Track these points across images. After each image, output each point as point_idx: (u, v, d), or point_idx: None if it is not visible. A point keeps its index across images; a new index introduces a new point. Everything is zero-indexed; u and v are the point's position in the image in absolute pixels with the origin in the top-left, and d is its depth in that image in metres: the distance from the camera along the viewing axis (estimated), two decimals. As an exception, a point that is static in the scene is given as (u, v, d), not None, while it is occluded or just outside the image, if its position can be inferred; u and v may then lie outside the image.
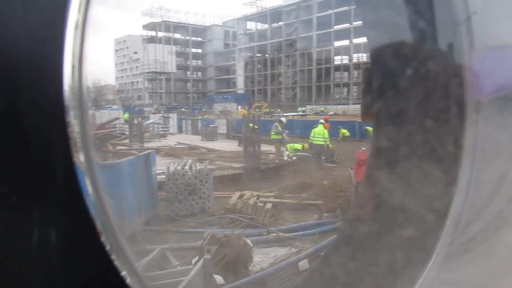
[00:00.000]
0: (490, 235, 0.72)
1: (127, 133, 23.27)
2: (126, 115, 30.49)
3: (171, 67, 68.87)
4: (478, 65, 0.67)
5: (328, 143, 15.88)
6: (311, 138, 16.08)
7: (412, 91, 0.70)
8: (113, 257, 0.58)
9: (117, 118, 25.75)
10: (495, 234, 0.72)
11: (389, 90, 0.72)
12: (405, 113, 0.71)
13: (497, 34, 0.69)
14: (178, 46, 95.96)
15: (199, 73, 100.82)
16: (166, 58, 67.22)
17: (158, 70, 70.41)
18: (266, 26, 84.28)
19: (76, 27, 0.55)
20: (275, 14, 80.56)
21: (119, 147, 16.44)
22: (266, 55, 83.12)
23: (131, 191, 8.15)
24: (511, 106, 0.69)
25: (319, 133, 15.60)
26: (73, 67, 0.55)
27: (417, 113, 0.71)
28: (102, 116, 26.95)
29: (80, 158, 0.56)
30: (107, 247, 0.58)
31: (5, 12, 0.52)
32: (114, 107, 49.26)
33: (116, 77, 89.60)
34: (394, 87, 0.71)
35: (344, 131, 24.60)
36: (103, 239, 0.57)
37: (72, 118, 0.55)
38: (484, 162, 0.69)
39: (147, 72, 75.22)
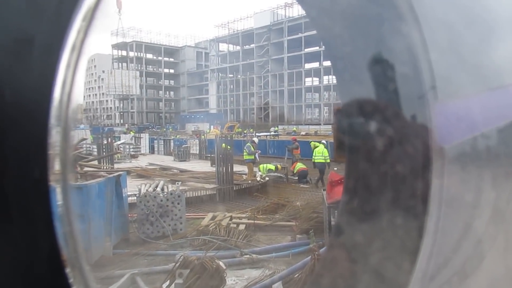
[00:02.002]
0: (456, 285, 0.75)
1: (94, 154, 22.71)
2: (92, 136, 29.80)
3: (135, 90, 72.27)
4: (441, 114, 0.71)
5: (328, 161, 16.41)
6: (313, 156, 16.97)
7: (380, 141, 0.73)
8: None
9: (84, 139, 25.14)
10: (461, 284, 0.75)
11: (359, 136, 0.74)
12: (373, 161, 0.74)
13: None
14: (150, 66, 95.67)
15: (172, 92, 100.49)
16: (131, 82, 70.17)
17: (124, 93, 72.97)
18: (238, 47, 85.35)
19: (73, 49, 0.55)
20: (246, 36, 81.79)
21: (86, 169, 15.99)
22: (239, 76, 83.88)
23: (100, 214, 7.92)
24: (473, 162, 0.74)
25: (320, 152, 16.44)
26: (63, 86, 0.55)
27: (385, 163, 0.73)
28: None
29: (56, 178, 0.55)
30: (70, 279, 0.56)
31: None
32: (81, 126, 48.03)
33: (84, 96, 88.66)
34: (363, 134, 0.73)
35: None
36: (67, 269, 0.56)
37: (55, 137, 0.55)
38: (449, 212, 0.72)
39: (113, 94, 77.23)
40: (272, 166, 17.74)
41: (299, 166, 17.62)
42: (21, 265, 0.53)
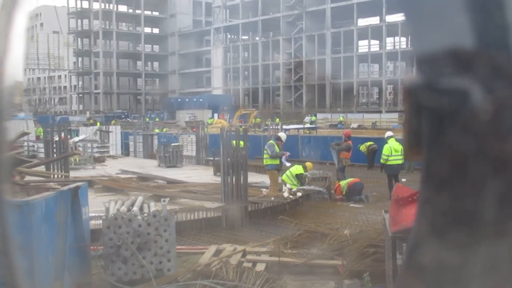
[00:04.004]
0: None
1: (41, 156, 23.06)
2: (40, 130, 30.19)
3: (67, 64, 73.23)
4: None
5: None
6: (385, 157, 16.68)
7: (478, 120, 0.72)
8: None
9: (26, 134, 25.47)
10: None
11: (445, 117, 0.74)
12: (469, 155, 0.73)
13: None
14: (123, 23, 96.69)
15: (156, 64, 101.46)
16: (61, 52, 70.92)
17: (52, 67, 73.89)
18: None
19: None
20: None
21: (29, 178, 16.27)
22: (257, 38, 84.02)
23: (48, 244, 8.04)
24: None
25: (398, 150, 16.14)
26: None
27: (486, 156, 0.73)
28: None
29: None
30: None
31: None
32: (21, 115, 48.63)
33: (25, 69, 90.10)
34: (452, 113, 0.73)
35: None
36: None
37: None
38: None
39: (32, 69, 78.33)
40: (299, 169, 17.55)
41: (346, 181, 17.38)
42: None
